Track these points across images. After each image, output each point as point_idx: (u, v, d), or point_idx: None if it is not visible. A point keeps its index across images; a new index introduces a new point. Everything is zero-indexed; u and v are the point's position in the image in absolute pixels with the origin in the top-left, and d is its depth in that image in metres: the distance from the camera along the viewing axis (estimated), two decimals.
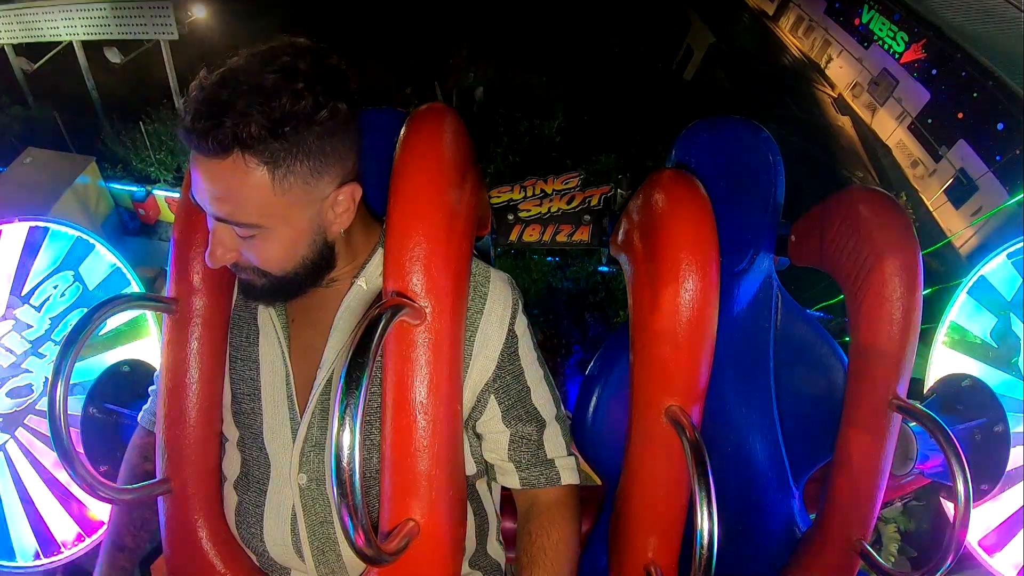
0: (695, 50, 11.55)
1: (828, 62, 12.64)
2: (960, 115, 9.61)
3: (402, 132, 0.78)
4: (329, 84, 0.67)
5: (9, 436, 1.33)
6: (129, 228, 7.44)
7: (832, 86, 12.21)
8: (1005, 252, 1.34)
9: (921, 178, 10.04)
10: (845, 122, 11.16)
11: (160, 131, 7.47)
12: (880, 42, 11.30)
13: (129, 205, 7.44)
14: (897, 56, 10.98)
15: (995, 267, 1.35)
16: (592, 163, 6.95)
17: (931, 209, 9.25)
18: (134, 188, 7.33)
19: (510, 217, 1.32)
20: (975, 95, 9.37)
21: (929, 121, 10.17)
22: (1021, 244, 1.33)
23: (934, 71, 10.31)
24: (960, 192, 9.12)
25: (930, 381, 1.34)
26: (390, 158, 0.77)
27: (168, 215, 7.52)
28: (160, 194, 7.43)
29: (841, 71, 12.31)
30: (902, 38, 10.85)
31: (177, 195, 7.00)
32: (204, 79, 0.64)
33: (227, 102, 0.62)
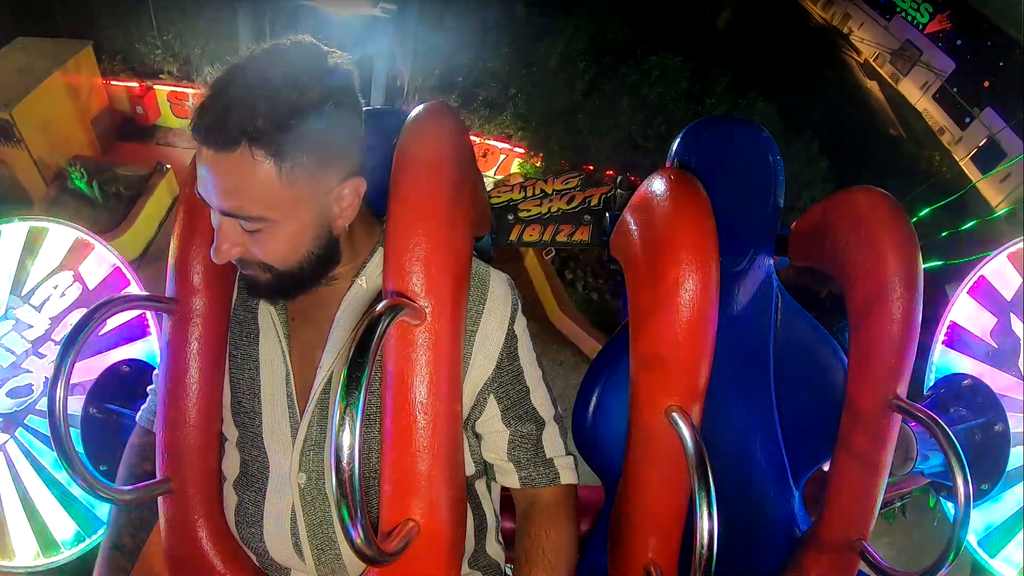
0: (724, 6, 11.27)
1: (849, 33, 12.59)
2: (986, 84, 9.66)
3: (402, 132, 0.78)
4: (333, 79, 0.68)
5: (9, 436, 1.33)
6: (123, 132, 6.77)
7: (858, 52, 12.18)
8: (1005, 252, 1.34)
9: (948, 145, 10.05)
10: (873, 86, 11.17)
11: (169, 5, 6.74)
12: (903, 13, 11.32)
13: (125, 106, 6.76)
14: (921, 27, 11.04)
15: (995, 267, 1.35)
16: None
17: (964, 170, 9.23)
18: (133, 84, 6.65)
19: (510, 217, 1.32)
20: (1001, 64, 9.41)
21: (955, 90, 10.23)
22: (1021, 244, 1.33)
23: (959, 41, 10.36)
24: (987, 158, 9.12)
25: (930, 381, 1.34)
26: (390, 158, 0.77)
27: (168, 116, 6.90)
28: (162, 90, 6.74)
29: (863, 43, 12.27)
30: (926, 9, 10.89)
31: (181, 90, 6.61)
32: (211, 78, 0.66)
33: (233, 97, 0.64)
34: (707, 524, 0.66)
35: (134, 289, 1.35)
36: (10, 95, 5.27)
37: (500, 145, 6.58)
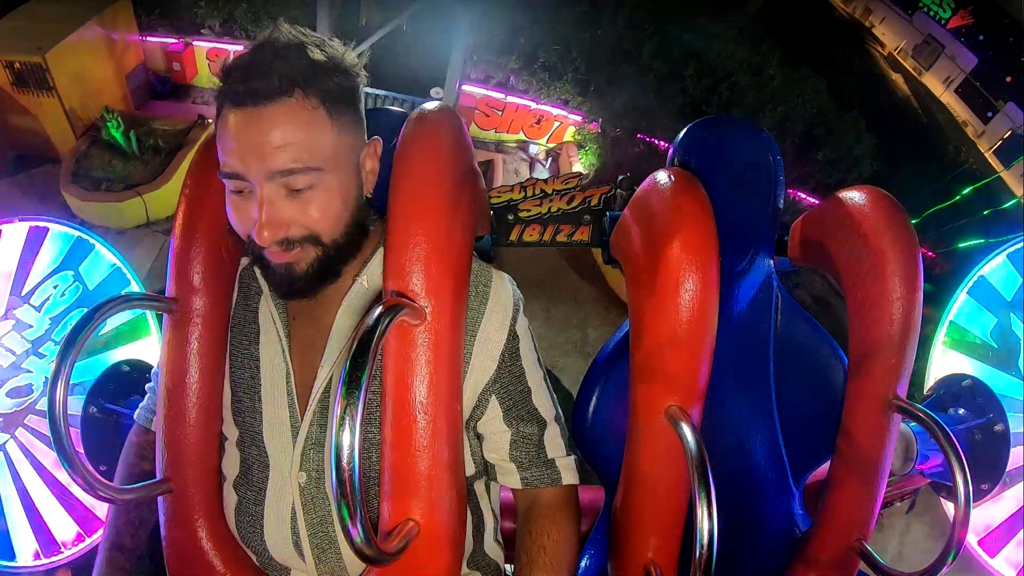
0: None
1: (871, 27, 12.64)
2: (1008, 79, 9.77)
3: (403, 132, 0.78)
4: (347, 54, 0.75)
5: (9, 436, 1.34)
6: (157, 91, 6.39)
7: (882, 45, 12.24)
8: (1005, 252, 1.34)
9: (972, 138, 10.10)
10: (897, 78, 11.22)
11: None
12: (926, 8, 11.43)
13: (160, 65, 6.35)
14: (943, 22, 11.13)
15: (995, 267, 1.35)
16: None
17: (990, 161, 9.29)
18: (171, 39, 6.19)
19: (510, 217, 1.32)
20: (1023, 60, 9.52)
21: (977, 84, 10.32)
22: (1021, 244, 1.33)
23: (981, 36, 10.45)
24: (1010, 152, 9.18)
25: (930, 381, 1.34)
26: (391, 158, 0.77)
27: (205, 74, 6.47)
28: (201, 46, 6.32)
29: (885, 37, 12.32)
30: (948, 4, 10.99)
31: (222, 47, 6.22)
32: (234, 57, 0.70)
33: (273, 56, 0.68)
34: (707, 524, 0.66)
35: (134, 289, 1.35)
36: (44, 40, 4.98)
37: (555, 112, 6.40)
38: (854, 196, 0.91)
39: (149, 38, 6.21)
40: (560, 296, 5.09)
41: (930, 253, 5.32)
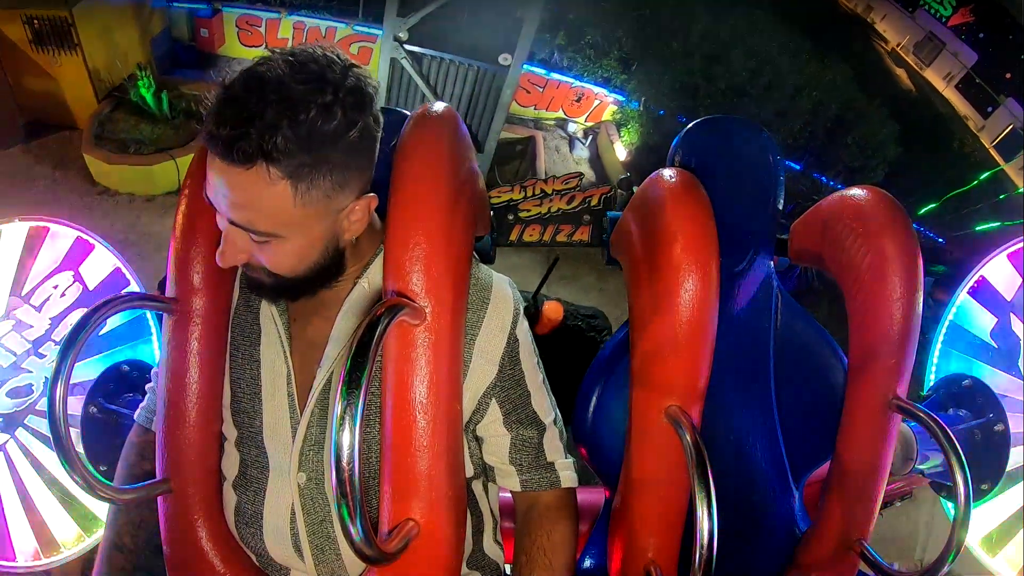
0: None
1: (872, 24, 12.73)
2: (1008, 75, 9.92)
3: (403, 132, 0.78)
4: (357, 97, 0.66)
5: (9, 436, 1.33)
6: (182, 59, 5.93)
7: (885, 41, 12.33)
8: (1005, 252, 1.34)
9: (974, 131, 10.22)
10: (901, 73, 11.30)
11: None
12: (926, 6, 11.55)
13: (185, 33, 5.86)
14: (944, 19, 11.27)
15: (995, 267, 1.35)
16: None
17: (992, 154, 9.41)
18: (200, 4, 5.76)
19: (510, 217, 1.32)
20: (1023, 57, 9.70)
21: (976, 81, 10.46)
22: (1021, 244, 1.33)
23: (982, 34, 10.61)
24: (1010, 147, 9.30)
25: (930, 381, 1.34)
26: (390, 158, 0.77)
27: (234, 44, 5.95)
28: (231, 13, 5.79)
29: (887, 33, 12.41)
30: (950, 3, 11.12)
31: (255, 14, 5.87)
32: (227, 81, 0.63)
33: (254, 111, 0.61)
34: (707, 524, 0.66)
35: (134, 289, 1.35)
36: None
37: (596, 89, 6.33)
38: (854, 196, 0.91)
39: (175, 3, 5.82)
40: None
41: (939, 239, 5.40)
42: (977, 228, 5.24)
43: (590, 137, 6.51)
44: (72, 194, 4.61)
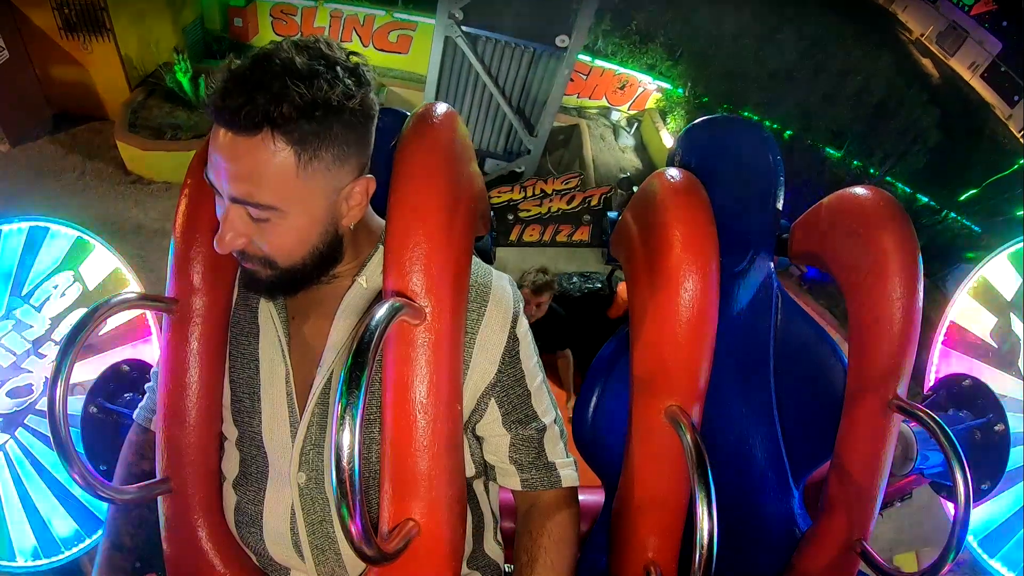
0: None
1: (895, 14, 12.74)
2: None
3: (403, 131, 0.78)
4: (357, 74, 0.69)
5: (9, 436, 1.33)
6: (213, 50, 5.87)
7: (910, 31, 12.33)
8: (1005, 252, 1.34)
9: (1002, 120, 10.20)
10: (927, 63, 11.31)
11: None
12: None
13: (217, 23, 5.81)
14: (967, 8, 11.26)
15: (995, 267, 1.35)
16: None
17: (1021, 141, 9.38)
18: None
19: (510, 217, 1.32)
20: None
21: (1002, 69, 10.44)
22: (1021, 244, 1.33)
23: (1005, 22, 10.58)
24: None
25: (930, 381, 1.34)
26: (390, 157, 0.77)
27: (268, 33, 5.85)
28: (266, 1, 5.75)
29: (910, 23, 12.42)
30: None
31: (291, 2, 5.75)
32: (233, 64, 0.65)
33: (261, 81, 0.63)
34: (707, 524, 0.67)
35: (134, 288, 1.35)
36: None
37: (641, 77, 6.29)
38: (854, 195, 0.91)
39: None
40: None
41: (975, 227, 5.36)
42: (1019, 212, 5.23)
43: (635, 125, 6.46)
44: (103, 183, 4.52)
